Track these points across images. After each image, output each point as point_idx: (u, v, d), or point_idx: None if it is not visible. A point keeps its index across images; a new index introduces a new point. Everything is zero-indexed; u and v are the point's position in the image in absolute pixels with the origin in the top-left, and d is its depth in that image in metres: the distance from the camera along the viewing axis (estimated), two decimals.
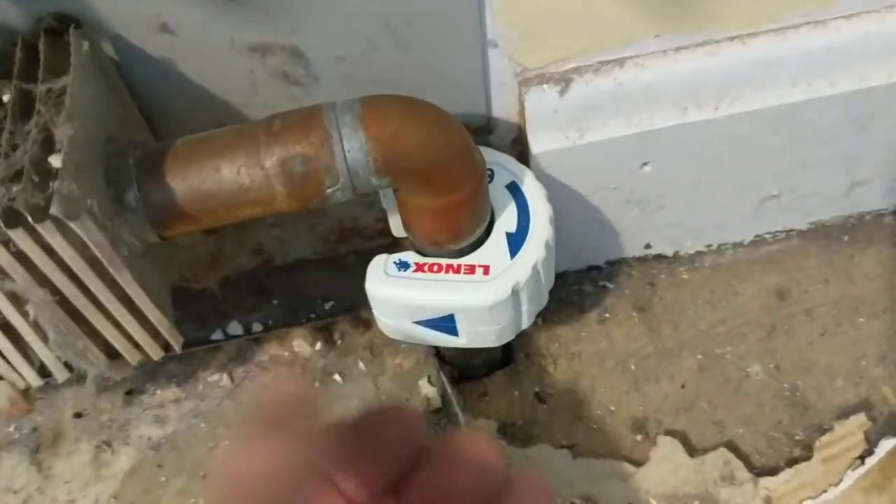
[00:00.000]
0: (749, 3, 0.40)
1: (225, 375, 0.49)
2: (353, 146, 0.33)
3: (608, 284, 0.51)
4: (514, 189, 0.40)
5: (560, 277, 0.51)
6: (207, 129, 0.35)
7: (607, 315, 0.51)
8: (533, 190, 0.40)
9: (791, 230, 0.52)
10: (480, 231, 0.39)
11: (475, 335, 0.40)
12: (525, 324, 0.41)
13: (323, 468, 0.24)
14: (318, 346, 0.49)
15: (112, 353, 0.37)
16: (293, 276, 0.49)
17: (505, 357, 0.49)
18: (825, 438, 0.44)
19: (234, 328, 0.50)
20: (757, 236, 0.52)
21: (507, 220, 0.40)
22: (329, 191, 0.34)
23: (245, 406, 0.43)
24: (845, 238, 0.52)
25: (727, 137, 0.44)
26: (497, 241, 0.39)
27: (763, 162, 0.46)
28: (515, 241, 0.39)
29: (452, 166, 0.35)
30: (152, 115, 0.39)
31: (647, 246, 0.51)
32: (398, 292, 0.38)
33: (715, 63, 0.42)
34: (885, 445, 0.42)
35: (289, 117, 0.34)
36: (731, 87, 0.42)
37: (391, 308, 0.39)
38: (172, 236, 0.35)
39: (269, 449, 0.22)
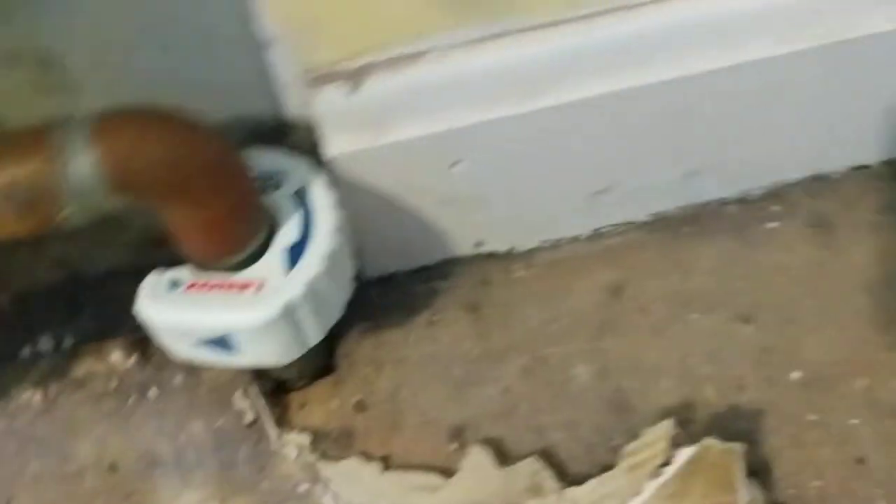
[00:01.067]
0: None
1: (38, 393, 0.48)
2: (80, 166, 0.31)
3: (440, 284, 0.50)
4: (301, 197, 0.39)
5: (389, 280, 0.50)
6: None
7: (436, 317, 0.49)
8: (321, 198, 0.39)
9: (631, 222, 0.51)
10: (255, 244, 0.37)
11: (257, 354, 0.39)
12: (314, 338, 0.40)
13: None
14: (135, 359, 0.48)
15: None
16: (106, 288, 0.48)
17: (329, 365, 0.48)
18: (631, 446, 0.43)
19: (45, 343, 0.48)
20: (595, 230, 0.51)
21: (288, 232, 0.38)
22: (64, 213, 0.32)
23: None
24: (686, 229, 0.51)
25: (540, 132, 0.42)
26: (274, 256, 0.37)
27: (583, 155, 0.44)
28: (294, 255, 0.37)
29: (200, 181, 0.33)
30: None
31: (479, 244, 0.50)
32: (168, 314, 0.37)
33: (519, 55, 0.40)
34: (684, 455, 0.41)
35: (13, 138, 0.32)
36: (538, 79, 0.40)
37: (164, 330, 0.38)
38: None
39: None
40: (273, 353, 0.38)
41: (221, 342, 0.38)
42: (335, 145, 0.41)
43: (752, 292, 0.49)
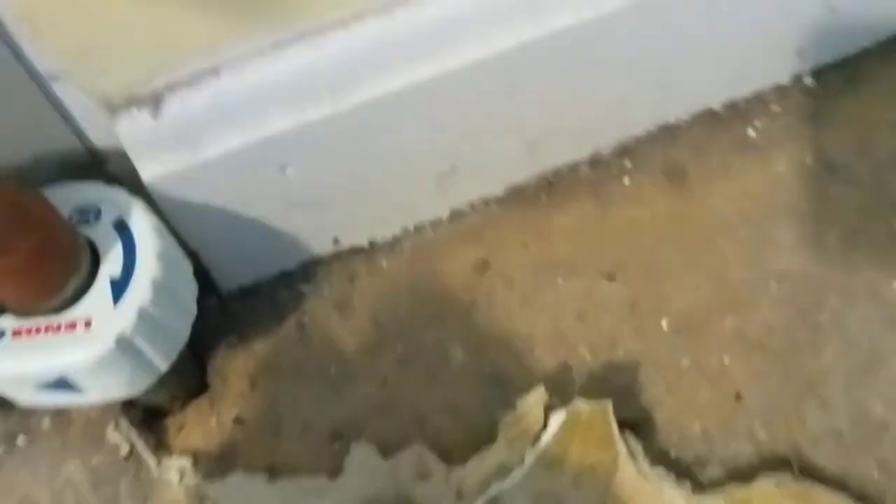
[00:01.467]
0: None
1: None
2: None
3: (305, 287, 0.49)
4: (121, 226, 0.37)
5: (252, 290, 0.49)
6: None
7: (305, 320, 0.49)
8: (141, 225, 0.37)
9: (488, 197, 0.51)
10: (75, 283, 0.36)
11: (102, 389, 0.37)
12: (161, 365, 0.38)
13: None
14: None
15: None
16: None
17: (202, 384, 0.47)
18: (508, 418, 0.43)
19: None
20: (454, 210, 0.51)
21: (111, 264, 0.37)
22: None
23: None
24: (543, 198, 0.51)
25: (361, 127, 0.41)
26: (100, 290, 0.36)
27: (415, 143, 0.44)
28: (119, 287, 0.36)
29: None
30: None
31: (336, 241, 0.49)
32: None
33: (321, 55, 0.39)
34: (556, 420, 0.42)
35: None
36: (347, 77, 0.40)
37: (4, 381, 0.36)
38: None
39: None
40: (119, 385, 0.37)
41: (62, 384, 0.36)
42: (149, 169, 0.39)
43: (614, 250, 0.50)
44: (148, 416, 0.46)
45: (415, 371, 0.47)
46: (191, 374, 0.46)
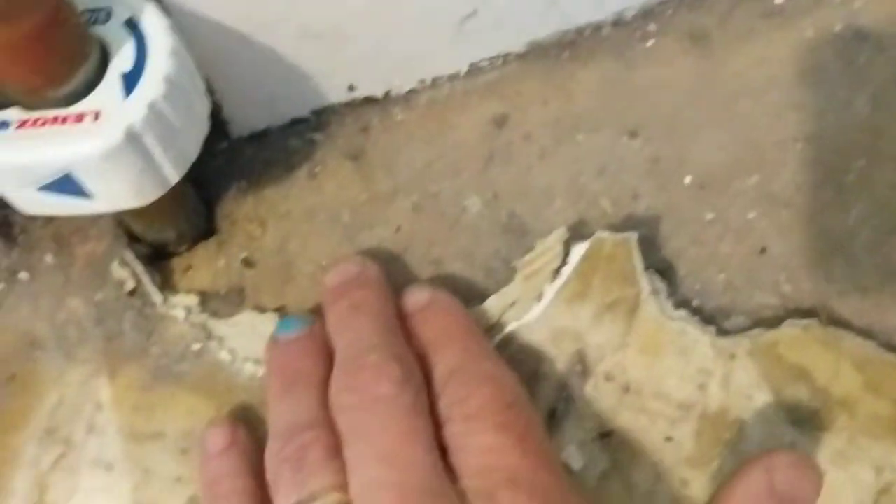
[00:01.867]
0: None
1: None
2: None
3: (317, 136, 0.48)
4: (133, 25, 0.36)
5: (263, 136, 0.48)
6: None
7: (318, 168, 0.47)
8: (153, 23, 0.36)
9: (508, 54, 0.49)
10: (85, 74, 0.34)
11: (110, 194, 0.36)
12: (171, 176, 0.37)
13: None
14: None
15: None
16: None
17: (210, 227, 0.46)
18: (526, 258, 0.42)
19: None
20: (473, 65, 0.49)
21: (122, 60, 0.35)
22: None
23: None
24: (565, 55, 0.50)
25: None
26: (110, 83, 0.35)
27: None
28: (131, 80, 0.35)
29: None
30: None
31: (351, 88, 0.47)
32: (2, 157, 0.34)
33: None
34: (578, 251, 0.40)
35: None
36: None
37: (1, 176, 0.35)
38: None
39: None
40: (126, 191, 0.36)
41: (67, 183, 0.35)
42: None
43: (636, 109, 0.48)
44: (154, 255, 0.44)
45: (430, 219, 0.45)
46: (199, 214, 0.44)
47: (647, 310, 0.40)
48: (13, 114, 0.34)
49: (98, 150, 0.33)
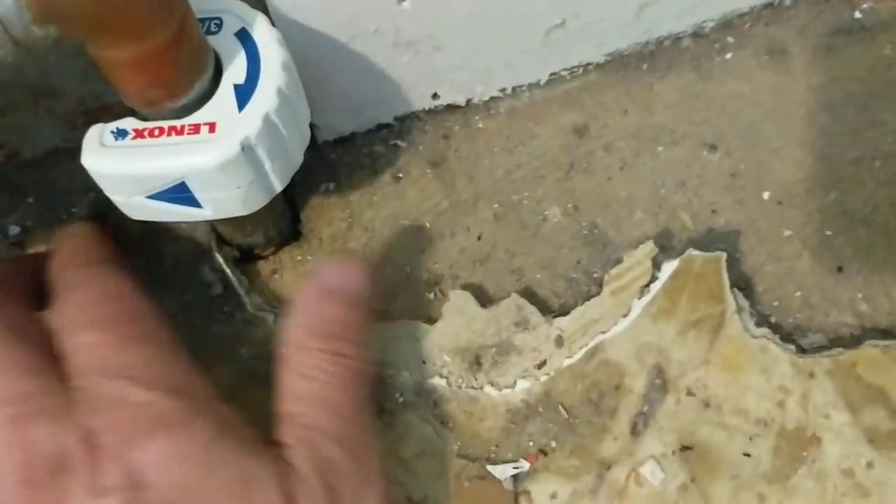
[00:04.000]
0: None
1: None
2: None
3: (400, 142, 0.48)
4: (244, 37, 0.36)
5: (348, 141, 0.48)
6: None
7: (400, 174, 0.48)
8: (264, 35, 0.36)
9: (588, 64, 0.50)
10: (201, 85, 0.35)
11: (218, 203, 0.37)
12: (277, 185, 0.38)
13: None
14: None
15: None
16: (46, 169, 0.45)
17: (295, 230, 0.46)
18: (614, 271, 0.42)
19: None
20: (553, 74, 0.49)
21: (235, 72, 0.36)
22: None
23: None
24: (644, 67, 0.50)
25: None
26: (224, 95, 0.35)
27: None
28: (244, 93, 0.35)
29: (133, 6, 0.31)
30: None
31: (435, 96, 0.48)
32: (116, 164, 0.35)
33: None
34: (668, 269, 0.41)
35: None
36: None
37: (115, 184, 0.36)
38: None
39: None
40: (234, 200, 0.36)
41: (180, 191, 0.36)
42: None
43: (716, 121, 0.49)
44: (241, 258, 0.45)
45: (511, 228, 0.46)
46: (285, 218, 0.45)
47: (731, 327, 0.41)
48: (130, 123, 0.35)
49: (214, 162, 0.34)
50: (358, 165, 0.48)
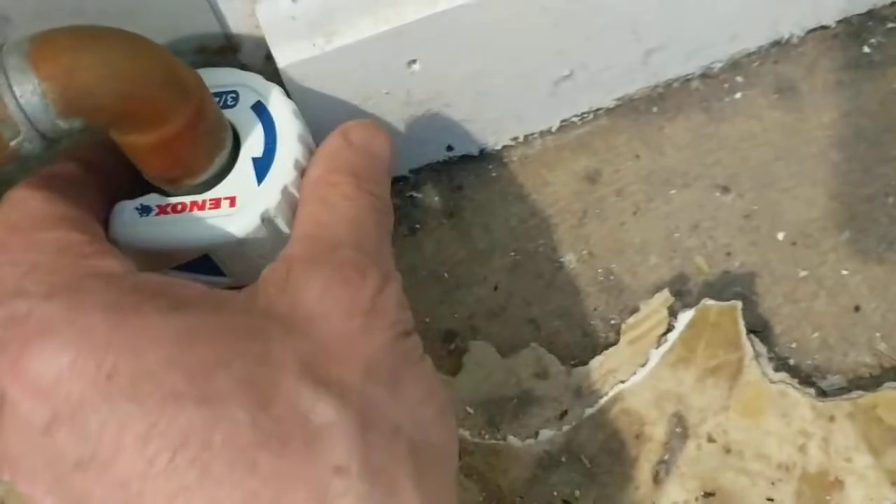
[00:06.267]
0: None
1: None
2: (24, 90, 0.30)
3: (416, 194, 0.49)
4: (261, 109, 0.37)
5: None
6: None
7: (417, 226, 0.49)
8: (280, 108, 0.37)
9: (598, 109, 0.50)
10: (220, 161, 0.36)
11: (240, 271, 0.38)
12: None
13: None
14: None
15: None
16: None
17: None
18: (631, 320, 0.43)
19: None
20: (564, 121, 0.50)
21: (252, 145, 0.37)
22: (14, 144, 0.30)
23: None
24: (654, 110, 0.51)
25: (490, 21, 0.41)
26: (243, 169, 0.36)
27: (540, 42, 0.44)
28: (262, 166, 0.36)
29: (152, 95, 0.32)
30: None
31: (449, 148, 0.49)
32: (143, 240, 0.36)
33: None
34: (684, 319, 0.42)
35: None
36: None
37: (143, 257, 0.37)
38: None
39: None
40: (256, 268, 0.37)
41: (205, 262, 0.37)
42: (285, 55, 0.39)
43: (727, 162, 0.49)
44: None
45: (527, 277, 0.47)
46: None
47: (749, 373, 0.41)
48: (153, 199, 0.36)
49: (236, 235, 0.35)
50: None
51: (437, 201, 0.49)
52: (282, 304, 0.30)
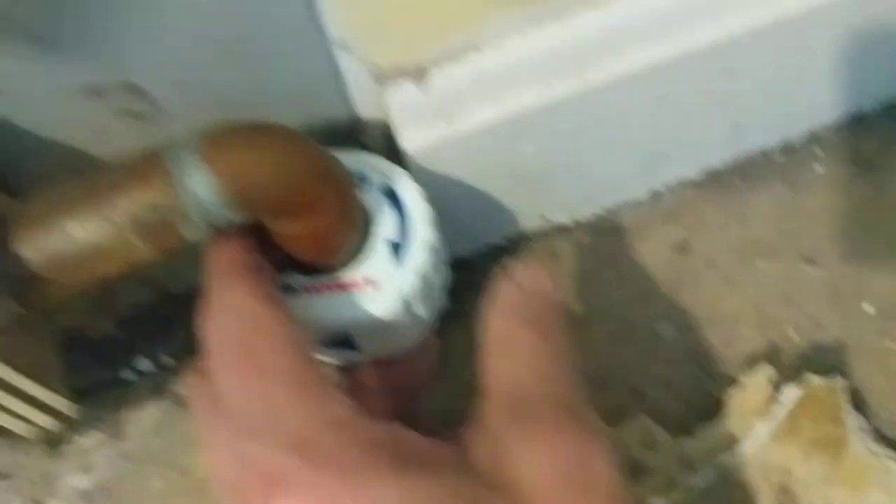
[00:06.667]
0: None
1: (143, 413, 0.47)
2: (199, 186, 0.31)
3: (511, 261, 0.50)
4: (391, 193, 0.39)
5: (464, 262, 0.50)
6: (62, 178, 0.33)
7: None
8: (410, 192, 0.39)
9: (685, 180, 0.52)
10: (359, 243, 0.37)
11: (375, 347, 0.39)
12: (426, 326, 0.40)
13: None
14: None
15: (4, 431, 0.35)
16: (195, 303, 0.47)
17: None
18: (734, 392, 0.44)
19: (144, 364, 0.48)
20: (652, 192, 0.52)
21: (387, 228, 0.38)
22: (184, 233, 0.32)
23: None
24: (738, 181, 0.52)
25: (600, 105, 0.43)
26: (379, 251, 0.38)
27: (641, 122, 0.45)
28: (398, 249, 0.38)
29: (312, 187, 0.33)
30: (4, 179, 0.36)
31: (544, 218, 0.50)
32: None
33: (573, 33, 0.40)
34: (790, 393, 0.43)
35: (130, 165, 0.32)
36: (594, 54, 0.41)
37: None
38: (42, 305, 0.33)
39: None
40: (392, 343, 0.39)
41: (343, 341, 0.38)
42: (410, 140, 0.41)
43: (810, 234, 0.51)
44: None
45: (626, 347, 0.48)
46: None
47: (853, 447, 0.42)
48: (296, 279, 0.37)
49: (377, 316, 0.36)
50: (476, 285, 0.49)
51: None
52: (496, 473, 0.30)
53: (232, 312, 0.32)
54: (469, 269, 0.50)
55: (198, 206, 0.31)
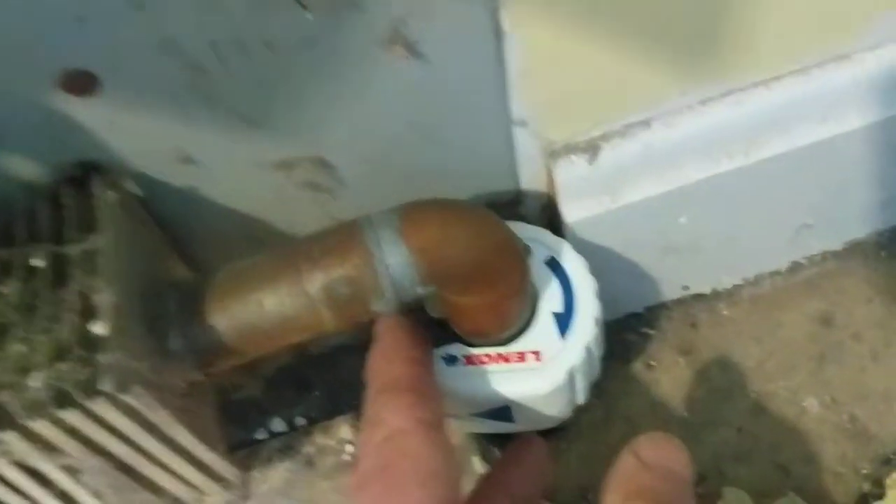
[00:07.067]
0: (770, 49, 0.39)
1: (276, 473, 0.48)
2: (395, 261, 0.32)
3: (650, 331, 0.51)
4: (554, 265, 0.39)
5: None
6: (241, 249, 0.35)
7: (652, 362, 0.50)
8: (574, 264, 0.39)
9: (827, 251, 0.51)
10: (524, 316, 0.38)
11: (531, 420, 0.39)
12: (581, 400, 0.40)
13: None
14: None
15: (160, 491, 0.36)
16: (333, 365, 0.48)
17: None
18: (894, 475, 0.43)
19: (277, 425, 0.49)
20: (793, 262, 0.51)
21: (551, 299, 0.39)
22: (375, 308, 0.33)
23: None
24: (882, 254, 0.51)
25: (759, 180, 0.43)
26: (544, 324, 0.38)
27: (795, 197, 0.45)
28: (563, 322, 0.38)
29: (497, 262, 0.34)
30: (184, 245, 0.38)
31: (685, 287, 0.50)
32: (451, 388, 0.38)
33: (742, 111, 0.41)
34: None
35: (326, 240, 0.33)
36: (760, 132, 0.41)
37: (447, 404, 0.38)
38: (217, 371, 0.34)
39: None
40: (548, 418, 0.39)
41: (501, 412, 0.38)
42: (573, 212, 0.41)
43: None
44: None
45: (770, 419, 0.47)
46: None
47: None
48: (459, 349, 0.38)
49: (544, 390, 0.37)
50: (611, 354, 0.50)
51: (670, 338, 0.50)
52: None
53: (384, 427, 0.31)
54: (606, 336, 0.50)
55: (392, 280, 0.32)
